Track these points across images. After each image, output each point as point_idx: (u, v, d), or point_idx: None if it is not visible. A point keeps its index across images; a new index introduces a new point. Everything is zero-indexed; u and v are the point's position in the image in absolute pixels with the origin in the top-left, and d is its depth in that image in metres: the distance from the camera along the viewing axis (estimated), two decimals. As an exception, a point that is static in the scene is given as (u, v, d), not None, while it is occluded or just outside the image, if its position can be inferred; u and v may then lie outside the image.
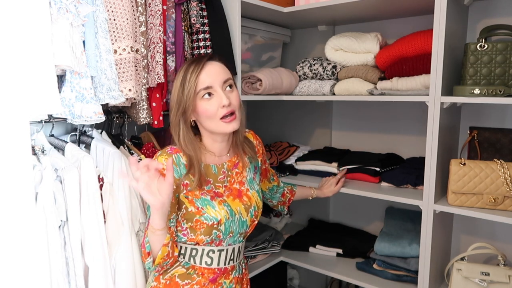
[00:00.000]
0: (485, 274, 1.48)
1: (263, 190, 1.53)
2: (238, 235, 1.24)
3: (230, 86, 1.19)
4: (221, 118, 1.15)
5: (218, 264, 1.23)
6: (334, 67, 1.86)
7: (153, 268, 1.16)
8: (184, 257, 1.22)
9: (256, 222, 1.29)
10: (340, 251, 1.95)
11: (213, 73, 1.16)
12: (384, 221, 1.95)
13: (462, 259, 1.55)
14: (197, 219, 1.16)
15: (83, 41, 1.20)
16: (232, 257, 1.26)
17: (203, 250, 1.21)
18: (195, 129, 1.25)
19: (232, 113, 1.17)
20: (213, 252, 1.22)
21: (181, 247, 1.23)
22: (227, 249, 1.24)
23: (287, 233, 2.18)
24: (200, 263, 1.22)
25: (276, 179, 1.57)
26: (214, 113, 1.15)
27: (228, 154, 1.29)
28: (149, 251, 1.13)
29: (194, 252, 1.22)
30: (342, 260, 1.93)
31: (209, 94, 1.15)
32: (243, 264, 1.36)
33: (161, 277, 1.22)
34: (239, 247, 1.27)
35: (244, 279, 1.36)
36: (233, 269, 1.27)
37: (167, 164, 1.05)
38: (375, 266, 1.77)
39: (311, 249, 2.01)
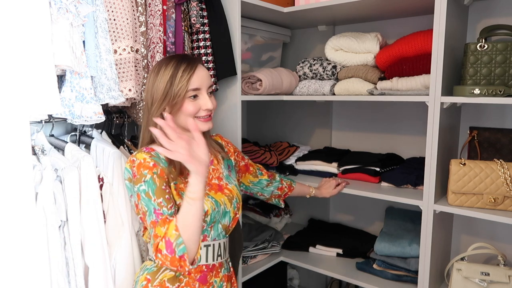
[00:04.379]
0: (485, 274, 1.48)
1: (246, 185, 1.55)
2: (221, 229, 1.24)
3: (212, 92, 1.27)
4: (198, 117, 1.22)
5: (207, 260, 1.22)
6: (334, 67, 1.86)
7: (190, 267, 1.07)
8: None
9: (238, 215, 1.30)
10: (340, 251, 1.95)
11: (203, 76, 1.22)
12: (384, 221, 1.95)
13: (462, 259, 1.55)
14: None
15: (83, 41, 1.20)
16: (219, 253, 1.25)
17: None
18: None
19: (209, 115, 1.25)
20: (200, 248, 1.21)
21: None
22: (213, 244, 1.23)
23: (287, 233, 2.19)
24: None
25: (266, 173, 1.57)
26: (194, 113, 1.20)
27: None
28: (184, 253, 1.02)
29: None
30: (342, 260, 1.93)
31: (196, 95, 1.20)
32: (230, 264, 1.35)
33: (149, 284, 1.18)
34: (224, 242, 1.27)
35: (233, 278, 1.36)
36: (221, 266, 1.27)
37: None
38: (375, 266, 1.77)
39: (311, 249, 2.01)
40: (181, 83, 1.16)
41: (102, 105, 1.25)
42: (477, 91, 1.39)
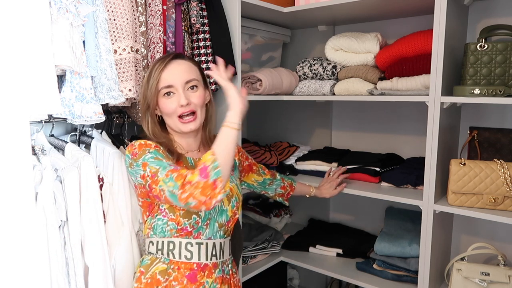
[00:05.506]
0: (485, 274, 1.48)
1: (251, 183, 1.56)
2: (218, 227, 1.23)
3: (194, 86, 1.22)
4: (179, 117, 1.19)
5: (199, 259, 1.20)
6: (334, 67, 1.86)
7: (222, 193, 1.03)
8: (162, 253, 1.21)
9: (237, 215, 1.29)
10: (340, 251, 1.96)
11: (175, 72, 1.19)
12: (384, 221, 1.95)
13: (462, 259, 1.55)
14: None
15: (83, 41, 1.20)
16: (214, 253, 1.23)
17: (180, 243, 1.19)
18: (163, 124, 1.29)
19: (193, 113, 1.20)
20: (191, 245, 1.20)
21: (157, 242, 1.21)
22: (206, 243, 1.21)
23: (287, 233, 2.19)
24: (180, 257, 1.19)
25: (268, 172, 1.59)
26: (172, 111, 1.19)
27: (199, 151, 1.31)
28: (218, 177, 1.01)
29: (171, 245, 1.19)
30: (342, 260, 1.93)
31: (170, 92, 1.19)
32: (230, 266, 1.32)
33: (142, 277, 1.21)
34: (220, 243, 1.25)
35: (232, 282, 1.32)
36: (215, 267, 1.24)
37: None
38: (375, 266, 1.77)
39: (311, 249, 2.01)
40: (152, 81, 1.18)
41: (102, 105, 1.25)
42: (477, 91, 1.39)
